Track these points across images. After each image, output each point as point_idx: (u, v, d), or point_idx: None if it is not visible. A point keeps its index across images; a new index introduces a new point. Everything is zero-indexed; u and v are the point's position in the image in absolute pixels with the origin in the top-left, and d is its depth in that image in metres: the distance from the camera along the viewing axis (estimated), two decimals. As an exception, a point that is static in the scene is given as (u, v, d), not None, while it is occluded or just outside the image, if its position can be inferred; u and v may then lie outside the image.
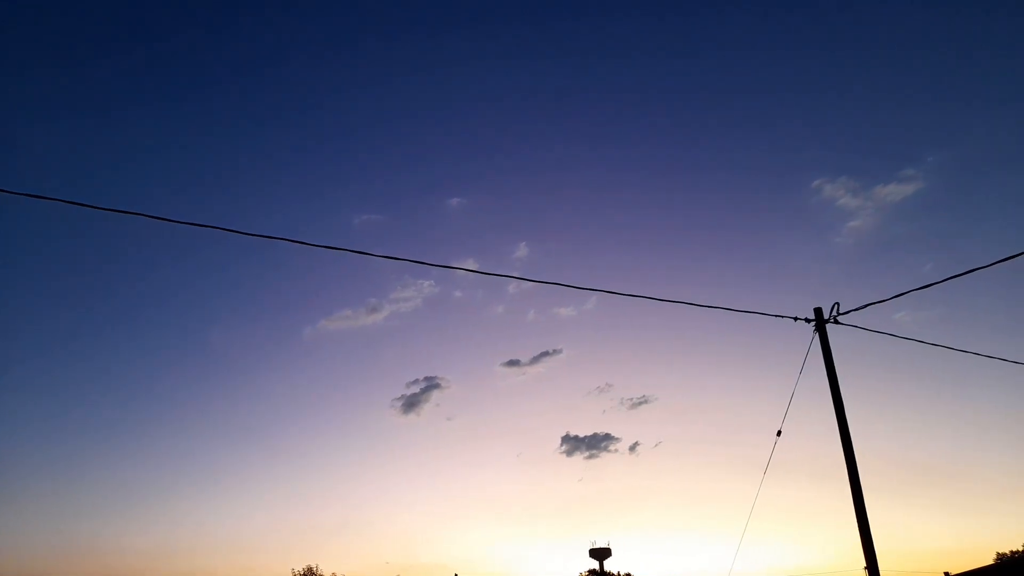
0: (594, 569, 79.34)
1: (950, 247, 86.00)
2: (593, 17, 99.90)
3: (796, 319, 13.29)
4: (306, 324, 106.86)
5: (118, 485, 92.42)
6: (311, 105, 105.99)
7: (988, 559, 57.75)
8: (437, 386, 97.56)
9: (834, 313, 13.02)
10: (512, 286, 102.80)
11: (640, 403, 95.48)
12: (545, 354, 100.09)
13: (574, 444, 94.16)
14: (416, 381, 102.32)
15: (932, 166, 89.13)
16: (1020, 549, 58.97)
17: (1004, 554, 58.35)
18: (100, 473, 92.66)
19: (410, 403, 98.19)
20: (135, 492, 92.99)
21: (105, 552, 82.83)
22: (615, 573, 79.71)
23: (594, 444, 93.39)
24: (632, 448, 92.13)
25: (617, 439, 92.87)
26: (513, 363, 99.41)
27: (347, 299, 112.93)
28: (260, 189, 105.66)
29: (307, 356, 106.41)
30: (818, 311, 13.19)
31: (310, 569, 59.53)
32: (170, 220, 9.41)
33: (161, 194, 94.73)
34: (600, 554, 78.04)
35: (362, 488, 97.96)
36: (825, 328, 13.07)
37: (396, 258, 11.14)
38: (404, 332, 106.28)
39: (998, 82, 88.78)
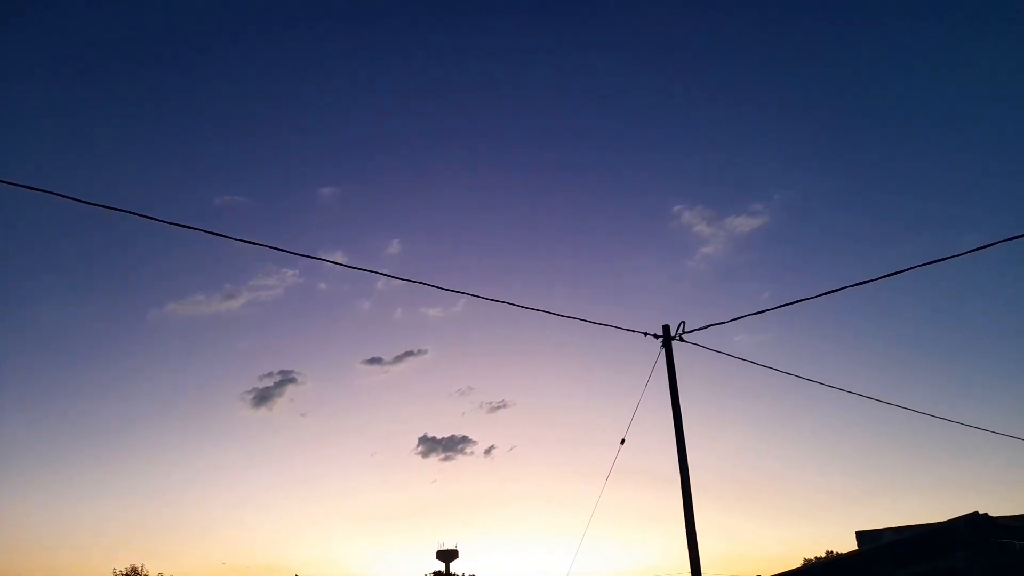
0: (440, 571, 79.42)
1: (785, 278, 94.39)
2: (476, 18, 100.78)
3: (646, 334, 14.09)
4: (152, 306, 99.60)
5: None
6: (176, 71, 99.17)
7: (797, 564, 63.63)
8: (293, 380, 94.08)
9: (680, 331, 13.91)
10: (381, 282, 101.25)
11: (499, 407, 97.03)
12: (409, 354, 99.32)
13: (431, 445, 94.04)
14: (270, 374, 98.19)
15: (777, 203, 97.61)
16: (824, 555, 65.47)
17: (810, 559, 64.56)
18: None
19: (262, 397, 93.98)
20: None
21: None
22: (460, 574, 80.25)
23: (451, 446, 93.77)
24: (488, 451, 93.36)
25: (474, 442, 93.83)
26: (375, 361, 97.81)
27: (201, 283, 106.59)
28: (107, 155, 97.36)
29: (151, 341, 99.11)
30: (666, 328, 14.04)
31: (134, 569, 55.51)
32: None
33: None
34: (447, 556, 78.23)
35: (202, 484, 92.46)
36: (671, 344, 13.93)
37: (257, 243, 10.67)
38: (261, 322, 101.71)
39: (841, 134, 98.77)
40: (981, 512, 18.40)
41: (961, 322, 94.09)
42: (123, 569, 55.53)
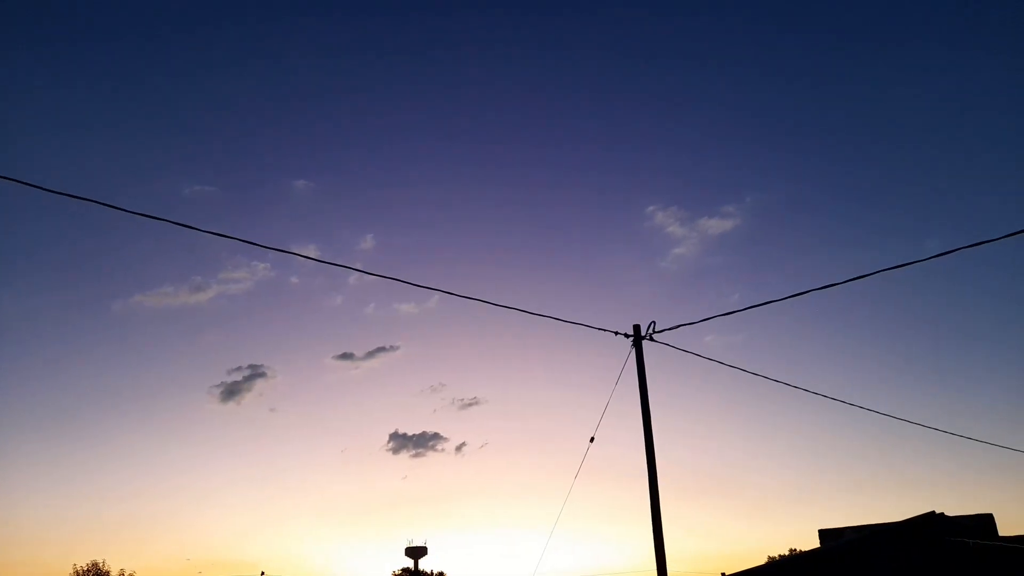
0: (408, 568, 79.24)
1: (755, 280, 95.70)
2: (455, 15, 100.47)
3: (617, 333, 14.23)
4: (117, 297, 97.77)
5: None
6: (147, 58, 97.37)
7: (761, 561, 64.66)
8: (262, 375, 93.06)
9: (650, 331, 14.07)
10: (353, 277, 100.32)
11: (471, 404, 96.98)
12: (381, 349, 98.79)
13: (401, 442, 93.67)
14: (239, 368, 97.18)
15: (749, 206, 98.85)
16: (787, 552, 66.61)
17: (774, 557, 65.67)
18: None
19: (230, 391, 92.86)
20: None
21: None
22: (429, 572, 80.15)
23: (422, 443, 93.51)
24: (459, 448, 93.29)
25: (445, 439, 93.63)
26: (346, 356, 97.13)
27: (168, 274, 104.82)
28: (73, 142, 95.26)
29: (115, 332, 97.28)
30: (636, 328, 14.19)
31: (95, 565, 54.45)
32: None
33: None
34: (416, 553, 78.07)
35: (167, 478, 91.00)
36: (641, 344, 14.09)
37: (227, 235, 10.57)
38: (231, 315, 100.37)
39: (812, 139, 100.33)
40: (938, 512, 18.91)
41: (923, 325, 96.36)
42: (84, 565, 54.50)
